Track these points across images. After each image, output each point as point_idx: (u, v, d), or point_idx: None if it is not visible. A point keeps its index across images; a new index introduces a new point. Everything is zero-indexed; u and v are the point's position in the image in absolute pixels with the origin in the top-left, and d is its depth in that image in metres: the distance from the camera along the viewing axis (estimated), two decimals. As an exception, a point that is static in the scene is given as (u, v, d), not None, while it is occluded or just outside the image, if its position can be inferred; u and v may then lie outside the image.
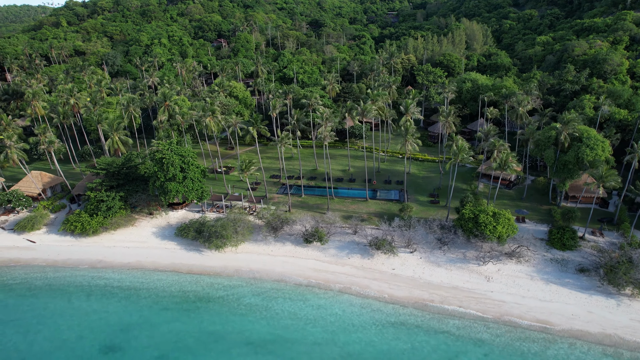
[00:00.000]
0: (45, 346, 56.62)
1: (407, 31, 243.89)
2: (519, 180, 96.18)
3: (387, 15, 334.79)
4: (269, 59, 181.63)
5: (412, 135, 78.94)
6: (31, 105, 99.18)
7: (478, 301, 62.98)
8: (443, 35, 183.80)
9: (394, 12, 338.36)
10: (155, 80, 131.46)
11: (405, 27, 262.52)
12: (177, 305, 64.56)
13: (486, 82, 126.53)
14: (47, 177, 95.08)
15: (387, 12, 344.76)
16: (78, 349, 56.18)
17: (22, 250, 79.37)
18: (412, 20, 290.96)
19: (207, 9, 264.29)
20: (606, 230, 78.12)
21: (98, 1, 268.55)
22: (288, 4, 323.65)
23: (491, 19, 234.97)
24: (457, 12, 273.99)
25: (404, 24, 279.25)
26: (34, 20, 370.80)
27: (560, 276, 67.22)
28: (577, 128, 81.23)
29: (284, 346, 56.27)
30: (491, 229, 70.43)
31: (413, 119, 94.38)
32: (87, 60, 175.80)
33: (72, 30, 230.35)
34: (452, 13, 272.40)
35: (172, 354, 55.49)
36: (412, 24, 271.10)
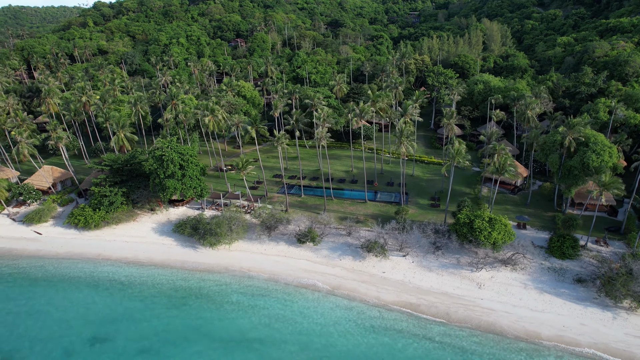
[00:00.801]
0: (34, 335, 58.75)
1: (426, 32, 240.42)
2: (525, 185, 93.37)
3: (409, 15, 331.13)
4: (284, 59, 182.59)
5: (406, 137, 77.74)
6: (45, 102, 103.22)
7: (466, 308, 61.53)
8: (459, 36, 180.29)
9: (416, 13, 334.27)
10: (167, 79, 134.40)
11: (425, 28, 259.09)
12: (166, 300, 65.83)
13: (498, 84, 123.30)
14: (57, 171, 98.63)
15: (409, 12, 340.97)
16: (66, 339, 58.11)
17: (29, 242, 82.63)
18: (433, 20, 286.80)
19: (228, 9, 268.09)
20: (612, 240, 74.89)
21: (124, 2, 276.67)
22: (309, 4, 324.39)
23: (513, 19, 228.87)
24: (479, 12, 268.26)
25: (424, 24, 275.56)
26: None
27: (555, 286, 64.90)
28: (585, 132, 78.23)
29: (263, 345, 56.55)
30: (486, 234, 68.68)
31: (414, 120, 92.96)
32: (107, 59, 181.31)
33: (97, 30, 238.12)
34: (474, 13, 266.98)
35: (154, 346, 56.65)
36: (433, 24, 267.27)
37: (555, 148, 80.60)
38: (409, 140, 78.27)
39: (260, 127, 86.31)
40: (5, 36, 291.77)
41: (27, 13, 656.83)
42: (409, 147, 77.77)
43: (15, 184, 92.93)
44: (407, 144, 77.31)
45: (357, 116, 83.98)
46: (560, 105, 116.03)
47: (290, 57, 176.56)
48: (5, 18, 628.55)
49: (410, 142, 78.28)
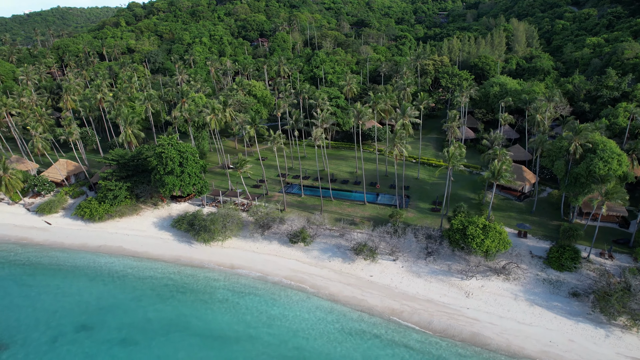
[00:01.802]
0: (25, 321, 61.77)
1: (452, 32, 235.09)
2: (532, 192, 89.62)
3: (438, 15, 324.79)
4: (302, 58, 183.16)
5: (400, 140, 76.17)
6: (63, 98, 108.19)
7: (450, 317, 59.78)
8: (482, 37, 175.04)
9: (445, 13, 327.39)
10: (184, 78, 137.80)
11: (452, 28, 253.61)
12: (155, 293, 67.57)
13: (515, 87, 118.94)
14: (72, 165, 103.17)
15: (437, 12, 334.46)
16: (55, 325, 60.75)
17: (39, 231, 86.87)
18: (462, 20, 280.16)
19: (254, 8, 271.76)
20: (619, 253, 70.73)
21: (155, 2, 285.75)
22: (336, 3, 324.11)
23: (544, 19, 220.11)
24: (509, 12, 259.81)
25: (452, 24, 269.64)
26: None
27: (548, 299, 61.97)
28: (594, 139, 74.32)
29: (238, 342, 57.04)
30: (478, 242, 66.50)
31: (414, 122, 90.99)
32: (132, 58, 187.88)
33: (128, 30, 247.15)
34: (504, 13, 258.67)
35: (135, 337, 58.33)
36: (461, 25, 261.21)
37: (561, 154, 76.99)
38: (402, 142, 76.67)
39: (260, 127, 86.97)
40: (47, 36, 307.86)
41: (73, 14, 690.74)
42: (403, 149, 76.18)
43: (32, 176, 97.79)
44: (400, 146, 75.79)
45: (355, 117, 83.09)
46: (579, 109, 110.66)
47: (308, 57, 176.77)
48: (54, 19, 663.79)
49: (403, 145, 76.69)
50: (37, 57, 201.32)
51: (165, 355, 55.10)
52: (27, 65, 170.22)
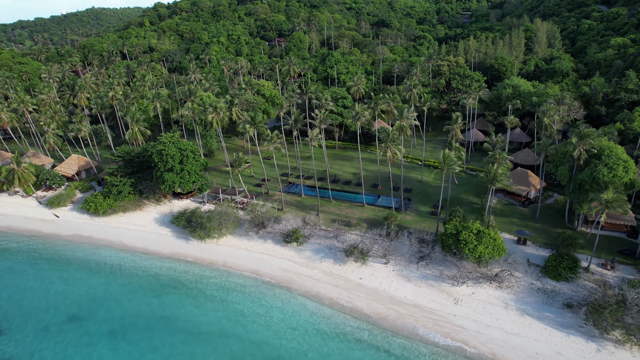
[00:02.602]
0: (20, 309, 64.27)
1: (473, 32, 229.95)
2: (537, 198, 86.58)
3: (461, 15, 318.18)
4: (317, 58, 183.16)
5: (392, 142, 74.97)
6: (77, 96, 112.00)
7: (435, 323, 58.52)
8: (499, 38, 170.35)
9: (469, 13, 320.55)
10: (197, 77, 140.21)
11: (474, 28, 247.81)
12: (147, 287, 69.01)
13: (529, 89, 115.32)
14: (83, 160, 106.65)
15: (461, 12, 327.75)
16: (49, 314, 62.97)
17: (47, 223, 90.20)
18: (485, 20, 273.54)
19: (274, 8, 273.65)
20: (623, 264, 67.50)
21: (179, 2, 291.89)
22: (357, 3, 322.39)
23: (570, 19, 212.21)
24: (534, 11, 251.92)
25: (474, 25, 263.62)
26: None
27: (541, 309, 59.77)
28: (601, 144, 71.28)
29: (221, 339, 57.57)
30: (471, 247, 64.83)
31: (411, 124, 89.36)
32: (152, 57, 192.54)
33: (151, 29, 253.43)
34: (529, 13, 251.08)
35: (121, 330, 59.72)
36: (483, 25, 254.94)
37: (566, 159, 74.16)
38: (395, 144, 75.49)
39: (260, 127, 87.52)
40: (77, 35, 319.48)
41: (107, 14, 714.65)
42: (396, 151, 74.99)
43: (46, 170, 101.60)
44: (393, 148, 74.66)
45: (353, 118, 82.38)
46: (595, 113, 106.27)
47: (323, 57, 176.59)
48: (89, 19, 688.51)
49: (396, 147, 75.50)
50: (63, 56, 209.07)
51: (147, 349, 56.20)
52: (52, 64, 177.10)
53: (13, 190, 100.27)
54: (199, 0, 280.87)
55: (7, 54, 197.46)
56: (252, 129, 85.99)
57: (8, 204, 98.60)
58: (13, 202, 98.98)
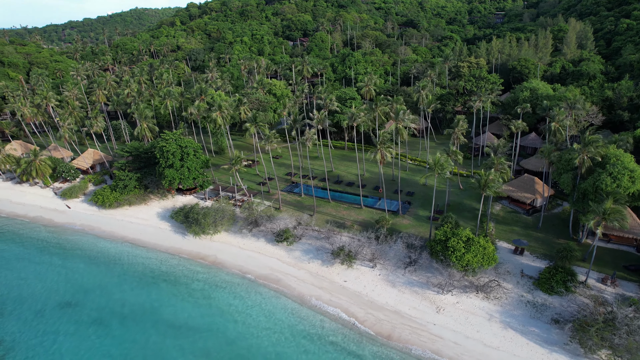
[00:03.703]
0: (18, 294, 67.90)
1: (504, 33, 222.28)
2: (542, 206, 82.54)
3: (494, 15, 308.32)
4: (338, 58, 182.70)
5: (383, 144, 73.43)
6: (95, 93, 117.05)
7: (412, 331, 57.05)
8: (525, 39, 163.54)
9: (502, 12, 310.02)
10: (214, 76, 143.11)
11: (506, 28, 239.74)
12: (139, 279, 71.18)
13: (548, 92, 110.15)
14: (98, 154, 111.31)
15: (494, 12, 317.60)
16: (43, 300, 66.18)
17: (59, 213, 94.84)
18: (518, 20, 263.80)
19: (301, 8, 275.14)
20: (627, 281, 63.30)
21: (209, 2, 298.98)
22: (387, 3, 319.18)
23: (608, 18, 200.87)
24: (570, 10, 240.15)
25: (505, 25, 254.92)
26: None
27: (527, 323, 57.01)
28: (608, 152, 67.16)
29: (198, 334, 58.51)
30: (458, 255, 62.75)
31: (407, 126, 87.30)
32: (176, 56, 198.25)
33: (181, 28, 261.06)
34: (566, 12, 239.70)
35: (109, 318, 61.98)
36: (515, 25, 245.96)
37: (569, 167, 70.36)
38: (386, 146, 73.91)
39: (260, 126, 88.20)
40: (115, 35, 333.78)
41: (148, 14, 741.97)
42: (387, 154, 73.48)
43: (63, 163, 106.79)
44: (384, 150, 73.18)
45: (349, 119, 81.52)
46: (617, 118, 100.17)
47: (343, 57, 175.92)
48: (131, 19, 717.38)
49: (387, 149, 73.92)
50: (97, 55, 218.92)
51: (126, 339, 57.98)
52: (84, 62, 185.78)
53: (32, 181, 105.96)
54: (229, 0, 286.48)
55: (45, 52, 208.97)
56: (252, 128, 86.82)
57: (27, 193, 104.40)
58: (32, 192, 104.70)
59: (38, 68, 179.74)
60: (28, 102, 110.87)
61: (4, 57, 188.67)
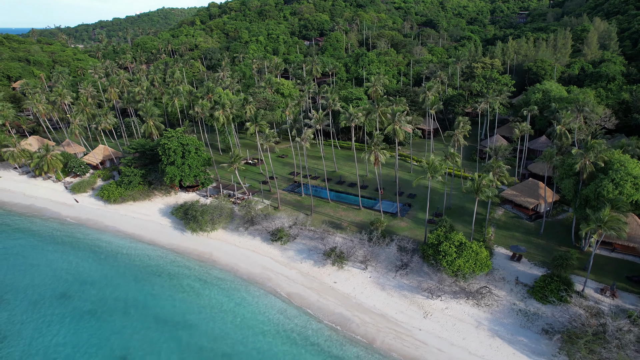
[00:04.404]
0: (17, 283, 70.32)
1: (525, 33, 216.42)
2: (549, 212, 79.91)
3: (517, 15, 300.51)
4: (351, 58, 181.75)
5: (377, 146, 72.35)
6: (108, 91, 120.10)
7: (397, 335, 56.14)
8: (542, 39, 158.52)
9: (526, 12, 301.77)
10: (226, 74, 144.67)
11: (528, 29, 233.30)
12: (134, 273, 72.60)
13: (561, 94, 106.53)
14: (108, 150, 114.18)
15: (518, 11, 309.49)
16: (40, 290, 68.33)
17: (67, 207, 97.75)
18: (541, 20, 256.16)
19: (319, 8, 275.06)
20: (628, 292, 60.55)
21: (229, 2, 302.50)
22: (407, 3, 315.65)
23: (636, 17, 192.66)
24: (597, 9, 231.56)
25: (528, 25, 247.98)
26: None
27: (516, 332, 55.26)
28: (613, 157, 64.50)
29: (183, 330, 59.19)
30: (449, 260, 61.43)
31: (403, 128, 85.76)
32: (192, 55, 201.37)
33: (200, 28, 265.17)
34: (592, 11, 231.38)
35: (100, 310, 63.45)
36: (538, 25, 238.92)
37: (572, 172, 67.82)
38: (380, 148, 72.83)
39: (261, 125, 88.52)
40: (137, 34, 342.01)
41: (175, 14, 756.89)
42: (380, 155, 72.43)
43: (73, 158, 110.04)
44: (378, 152, 72.16)
45: (346, 120, 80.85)
46: (633, 122, 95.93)
47: (357, 57, 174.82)
48: (158, 18, 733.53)
49: (381, 151, 72.85)
50: (117, 54, 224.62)
51: (113, 331, 59.20)
52: (104, 60, 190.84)
53: (45, 175, 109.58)
54: (248, 0, 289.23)
55: (69, 51, 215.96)
56: (253, 127, 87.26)
57: (40, 187, 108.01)
58: (45, 186, 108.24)
59: (60, 66, 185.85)
60: (43, 98, 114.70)
61: (29, 55, 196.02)
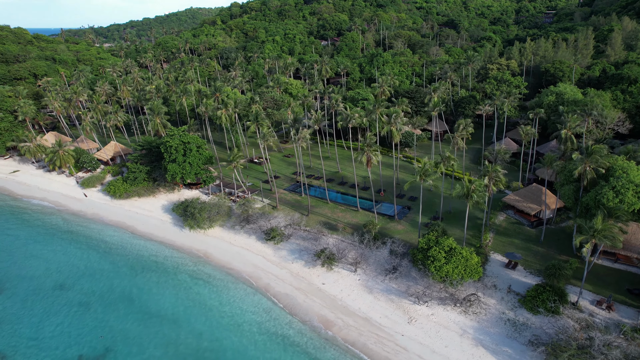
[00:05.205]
0: (20, 272, 73.11)
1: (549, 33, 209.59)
2: (550, 219, 77.05)
3: (544, 15, 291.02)
4: (366, 58, 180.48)
5: (369, 147, 71.30)
6: (120, 89, 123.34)
7: (378, 340, 55.33)
8: (562, 40, 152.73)
9: (553, 11, 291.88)
10: (237, 74, 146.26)
11: (554, 29, 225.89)
12: (130, 267, 74.38)
13: (576, 96, 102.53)
14: (118, 147, 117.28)
15: (545, 11, 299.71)
16: (41, 281, 70.90)
17: (76, 201, 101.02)
18: (568, 20, 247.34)
19: (338, 8, 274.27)
20: (626, 306, 57.72)
21: (250, 2, 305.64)
22: (428, 2, 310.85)
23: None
24: (628, 8, 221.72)
25: (553, 25, 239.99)
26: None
27: (501, 342, 53.51)
28: (616, 163, 61.68)
29: (168, 325, 60.13)
30: (437, 265, 60.07)
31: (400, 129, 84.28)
32: (209, 54, 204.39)
33: (220, 27, 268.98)
34: (623, 10, 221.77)
35: (92, 302, 65.34)
36: (564, 25, 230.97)
37: (572, 178, 65.18)
38: (372, 149, 71.78)
39: (261, 124, 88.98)
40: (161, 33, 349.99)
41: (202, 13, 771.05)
42: (372, 157, 71.38)
43: (85, 154, 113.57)
44: (370, 153, 71.16)
45: (343, 120, 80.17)
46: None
47: (371, 57, 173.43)
48: (186, 18, 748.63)
49: (373, 152, 71.79)
50: (139, 53, 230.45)
51: (102, 323, 60.69)
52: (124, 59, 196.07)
53: (58, 170, 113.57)
54: (269, 0, 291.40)
55: (93, 50, 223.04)
56: (253, 126, 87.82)
57: (54, 181, 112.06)
58: (58, 180, 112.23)
59: (83, 65, 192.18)
60: (59, 96, 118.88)
61: (55, 54, 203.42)
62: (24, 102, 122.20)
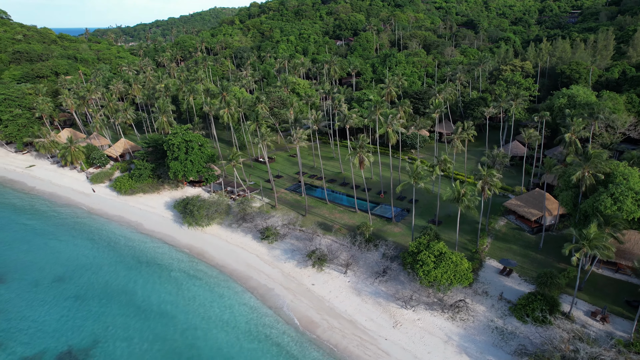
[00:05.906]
0: (26, 264, 75.57)
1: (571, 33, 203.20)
2: (552, 225, 74.68)
3: (569, 15, 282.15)
4: (379, 58, 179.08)
5: (362, 148, 70.47)
6: (132, 87, 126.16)
7: (361, 343, 54.84)
8: (581, 40, 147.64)
9: (578, 11, 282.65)
10: (247, 74, 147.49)
11: (577, 29, 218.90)
12: (128, 262, 76.09)
13: (589, 99, 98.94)
14: (128, 144, 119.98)
15: (570, 10, 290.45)
16: (42, 273, 73.24)
17: (84, 196, 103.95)
18: (593, 20, 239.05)
19: (355, 7, 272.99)
20: (622, 317, 55.47)
21: (269, 2, 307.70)
22: (448, 2, 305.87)
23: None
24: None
25: (577, 25, 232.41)
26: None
27: (486, 351, 52.20)
28: (616, 170, 59.35)
29: (156, 320, 61.20)
30: (426, 270, 59.07)
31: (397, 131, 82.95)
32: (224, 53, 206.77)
33: (238, 27, 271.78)
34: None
35: (87, 294, 67.18)
36: (588, 25, 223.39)
37: (572, 184, 63.01)
38: (365, 151, 70.96)
39: (262, 124, 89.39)
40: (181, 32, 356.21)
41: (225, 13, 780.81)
42: (364, 158, 70.59)
43: (95, 150, 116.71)
44: (363, 154, 70.40)
45: (341, 121, 79.66)
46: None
47: (384, 58, 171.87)
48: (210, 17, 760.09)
49: (366, 154, 70.97)
50: (158, 52, 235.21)
51: (93, 316, 62.29)
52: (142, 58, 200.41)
53: (70, 165, 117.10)
54: (286, 0, 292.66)
55: (113, 49, 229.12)
56: (253, 126, 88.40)
57: (66, 176, 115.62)
58: (69, 176, 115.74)
59: (103, 63, 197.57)
60: (72, 94, 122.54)
61: (77, 53, 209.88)
62: (42, 100, 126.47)
